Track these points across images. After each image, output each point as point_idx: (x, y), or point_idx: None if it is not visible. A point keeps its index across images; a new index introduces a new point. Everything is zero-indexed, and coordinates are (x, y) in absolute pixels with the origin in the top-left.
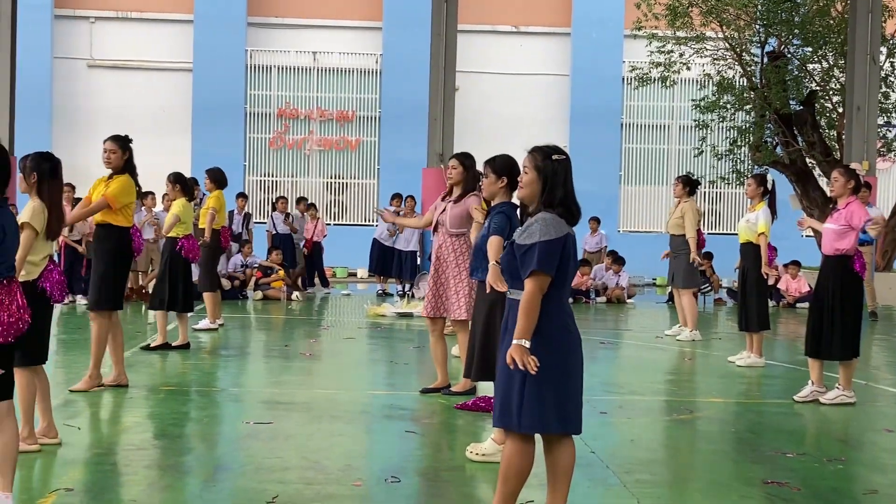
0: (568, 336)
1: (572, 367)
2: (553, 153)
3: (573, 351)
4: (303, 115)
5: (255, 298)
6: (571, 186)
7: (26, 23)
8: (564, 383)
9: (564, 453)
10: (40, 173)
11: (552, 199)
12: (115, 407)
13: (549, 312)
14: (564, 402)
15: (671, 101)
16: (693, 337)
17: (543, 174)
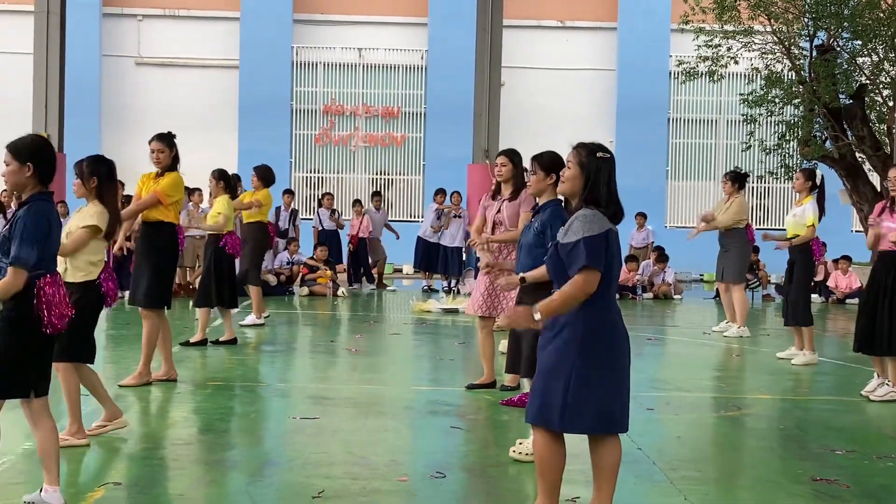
0: (614, 333)
1: (618, 365)
2: (598, 150)
3: (620, 348)
4: (348, 112)
5: (302, 294)
6: (615, 186)
7: (75, 21)
8: (609, 382)
9: (609, 451)
10: (99, 177)
11: (595, 196)
12: (163, 402)
13: (596, 309)
14: (609, 402)
15: (719, 96)
16: (741, 333)
17: (587, 171)
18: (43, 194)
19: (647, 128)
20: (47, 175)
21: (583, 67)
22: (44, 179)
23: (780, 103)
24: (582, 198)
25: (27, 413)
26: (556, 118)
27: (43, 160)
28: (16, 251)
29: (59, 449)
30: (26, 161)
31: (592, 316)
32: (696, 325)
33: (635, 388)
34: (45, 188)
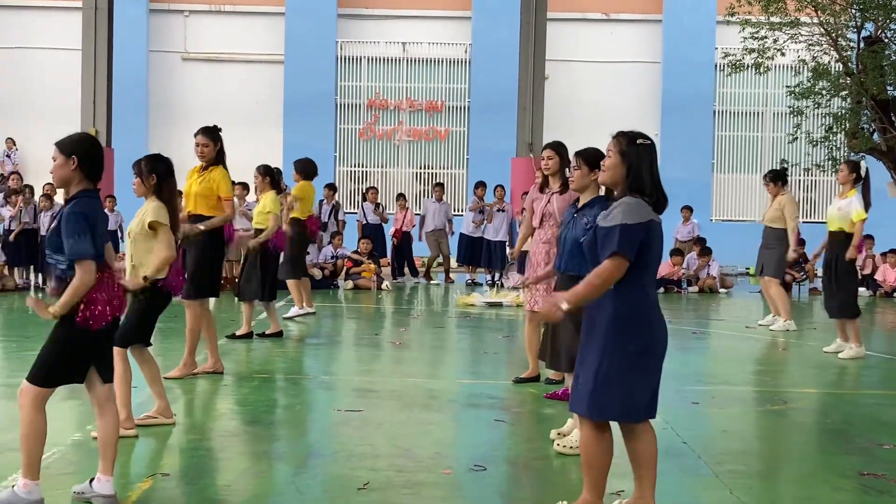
0: (650, 324)
1: (653, 356)
2: (638, 138)
3: (656, 339)
4: (392, 106)
5: (346, 288)
6: (657, 173)
7: (122, 17)
8: (644, 372)
9: (644, 441)
10: (158, 174)
11: (638, 184)
12: (210, 394)
13: (633, 300)
14: (637, 391)
15: (765, 88)
16: (787, 327)
17: (628, 159)
18: (89, 191)
19: (692, 121)
20: (93, 170)
21: (627, 60)
22: (90, 175)
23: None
24: (625, 186)
25: (93, 400)
26: (601, 111)
27: (87, 154)
28: (72, 248)
29: (118, 439)
30: (70, 154)
31: (625, 305)
32: (741, 319)
33: (681, 382)
34: (93, 185)
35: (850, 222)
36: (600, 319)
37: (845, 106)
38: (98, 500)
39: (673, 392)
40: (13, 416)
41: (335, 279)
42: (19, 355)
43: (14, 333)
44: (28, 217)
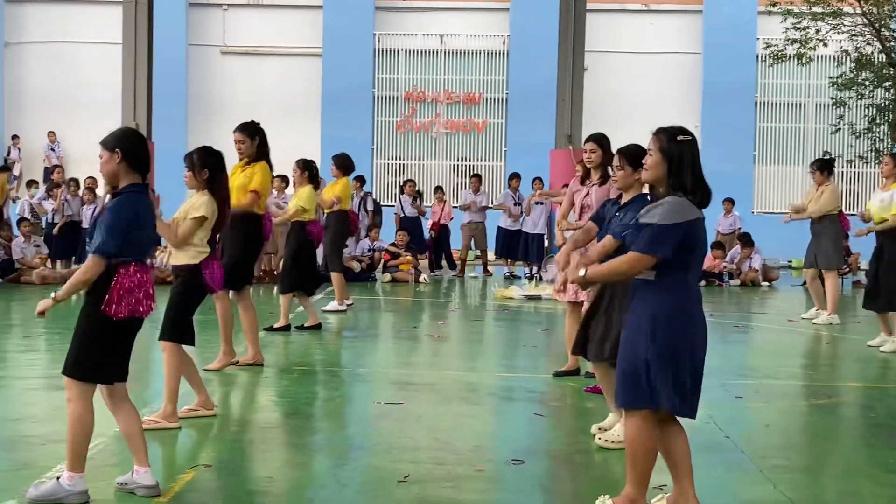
0: (691, 320)
1: (693, 352)
2: (678, 134)
3: (693, 334)
4: (430, 98)
5: (384, 281)
6: (700, 169)
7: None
8: (680, 368)
9: (675, 437)
10: (210, 168)
11: (681, 182)
12: (250, 386)
13: (675, 296)
14: (682, 385)
15: (807, 79)
16: (831, 320)
17: (669, 156)
18: (136, 185)
19: (733, 112)
20: (138, 163)
21: (668, 51)
22: (136, 167)
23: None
24: (668, 184)
25: (106, 399)
26: (641, 103)
27: (131, 147)
28: (98, 240)
29: (143, 431)
30: (114, 148)
31: (666, 300)
32: (783, 313)
33: (723, 376)
34: (140, 178)
35: (893, 214)
36: (643, 315)
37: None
38: (140, 491)
39: (716, 386)
40: (56, 406)
41: (372, 272)
42: (62, 347)
43: (57, 325)
44: (72, 210)
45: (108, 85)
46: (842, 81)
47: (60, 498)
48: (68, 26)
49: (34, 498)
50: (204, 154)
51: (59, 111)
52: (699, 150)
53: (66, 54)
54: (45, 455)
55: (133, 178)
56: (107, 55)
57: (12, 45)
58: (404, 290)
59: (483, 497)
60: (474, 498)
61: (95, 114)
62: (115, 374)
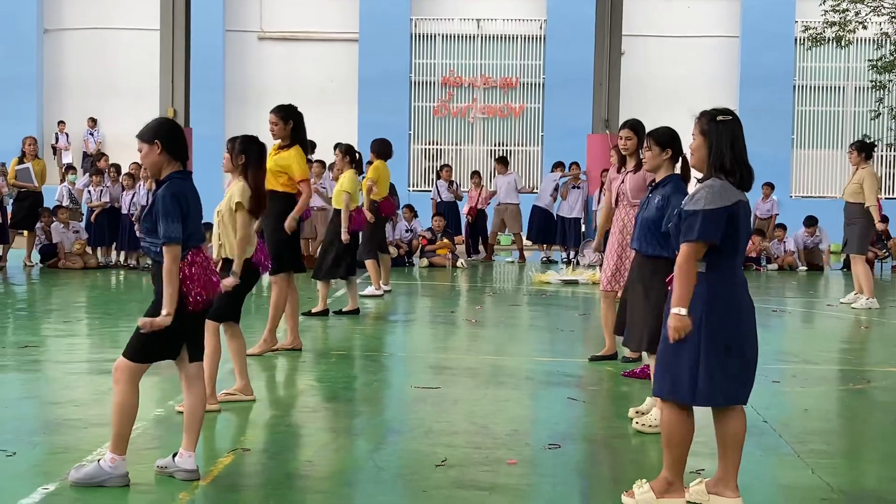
0: (737, 305)
1: (743, 338)
2: (719, 115)
3: (743, 320)
4: (467, 83)
5: (421, 266)
6: (742, 149)
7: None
8: (734, 354)
9: (733, 422)
10: (248, 155)
11: (719, 163)
12: (289, 370)
13: (721, 282)
14: (733, 374)
15: (846, 62)
16: (869, 305)
17: (709, 138)
18: (179, 173)
19: (771, 95)
20: (178, 151)
21: (705, 34)
22: (176, 155)
23: None
24: (709, 166)
25: (182, 376)
26: (678, 87)
27: (169, 136)
28: (163, 231)
29: (203, 416)
30: (153, 140)
31: (713, 288)
32: (822, 297)
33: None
34: (182, 166)
35: None
36: (692, 305)
37: None
38: (180, 475)
39: None
40: (97, 391)
41: (410, 257)
42: (101, 332)
43: (97, 311)
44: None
45: (146, 71)
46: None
47: (102, 480)
48: (106, 13)
49: (76, 480)
50: (246, 141)
51: (97, 97)
52: (741, 129)
53: (104, 41)
54: (86, 439)
55: (174, 166)
56: (144, 41)
57: (51, 32)
58: (441, 275)
59: (520, 481)
60: (512, 482)
61: (133, 100)
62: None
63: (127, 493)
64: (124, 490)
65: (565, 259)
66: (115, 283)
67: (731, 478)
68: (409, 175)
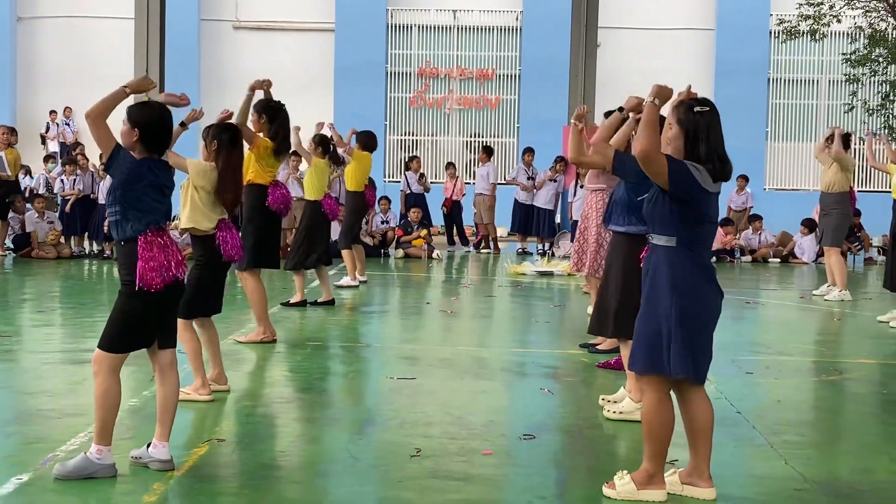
0: (708, 288)
1: (709, 317)
2: (696, 105)
3: (712, 303)
4: (443, 74)
5: (397, 256)
6: (718, 140)
7: None
8: (701, 331)
9: (699, 411)
10: (220, 142)
11: (696, 153)
12: (264, 361)
13: (689, 267)
14: (700, 352)
15: (820, 55)
16: (842, 297)
17: (685, 128)
18: (150, 159)
19: (746, 88)
20: (154, 144)
21: (680, 27)
22: (151, 148)
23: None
24: (685, 156)
25: (155, 366)
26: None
27: (149, 129)
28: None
29: (177, 406)
30: (134, 126)
31: (685, 270)
32: (796, 289)
33: (735, 352)
34: (156, 156)
35: None
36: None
37: None
38: (155, 465)
39: (727, 362)
40: (72, 381)
41: (385, 248)
42: (75, 322)
43: (72, 301)
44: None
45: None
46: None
47: (90, 472)
48: (81, 1)
49: (62, 474)
50: (218, 129)
51: (72, 86)
52: (719, 121)
53: (78, 29)
54: (59, 429)
55: (147, 155)
56: (119, 30)
57: (25, 20)
58: (417, 266)
59: (495, 472)
60: (487, 472)
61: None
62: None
63: (101, 484)
64: (98, 481)
65: (541, 250)
66: (89, 272)
67: (703, 468)
68: (385, 166)
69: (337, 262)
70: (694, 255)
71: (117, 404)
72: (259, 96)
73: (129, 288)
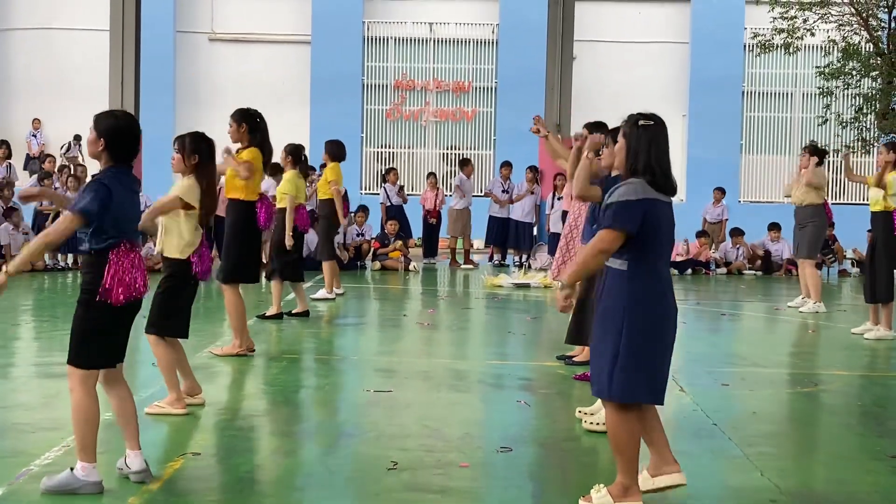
0: (662, 304)
1: (666, 337)
2: (641, 119)
3: (668, 320)
4: (419, 87)
5: (374, 269)
6: (660, 153)
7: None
8: (658, 353)
9: (650, 415)
10: (201, 154)
11: (635, 164)
12: (240, 374)
13: (644, 280)
14: (656, 373)
15: (794, 69)
16: (816, 308)
17: (629, 140)
18: (117, 167)
19: (721, 101)
20: (120, 155)
21: (656, 40)
22: (117, 158)
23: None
24: (627, 168)
25: (102, 381)
26: (629, 92)
27: (115, 140)
28: (76, 201)
29: (136, 413)
30: (100, 136)
31: (638, 285)
32: (770, 301)
33: (710, 364)
34: (123, 166)
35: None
36: (615, 303)
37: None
38: (133, 476)
39: (702, 374)
40: (47, 394)
41: (361, 260)
42: (50, 335)
43: (45, 313)
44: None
45: (96, 72)
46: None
47: (75, 489)
48: (55, 12)
49: (48, 488)
50: (196, 139)
51: (46, 98)
52: (665, 136)
53: (53, 41)
54: (35, 443)
55: (113, 164)
56: (94, 42)
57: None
58: (394, 279)
59: (472, 485)
60: (463, 485)
61: (83, 100)
62: (116, 357)
63: (77, 500)
64: (74, 496)
65: (517, 263)
66: (63, 285)
67: (664, 452)
68: (362, 178)
69: (312, 275)
70: (648, 274)
71: (95, 420)
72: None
73: (88, 297)
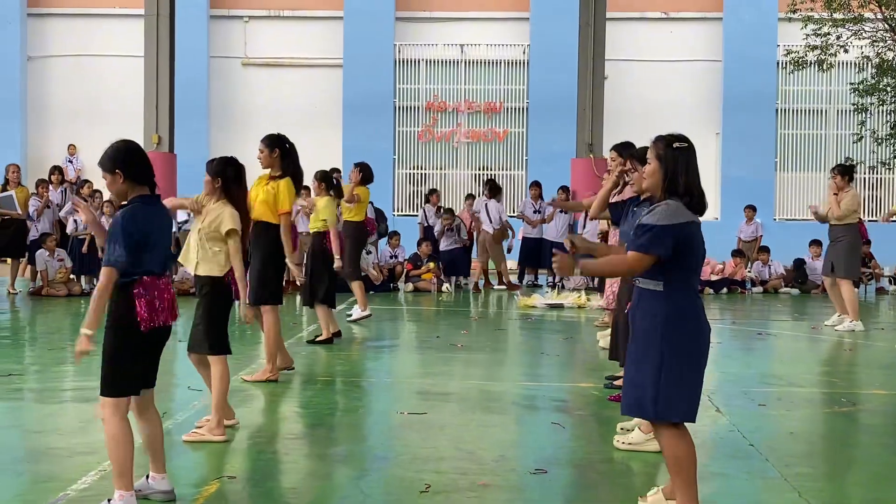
0: (698, 324)
1: (700, 357)
2: (675, 141)
3: (702, 340)
4: (451, 108)
5: (406, 290)
6: (694, 176)
7: (184, 23)
8: (698, 369)
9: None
10: (224, 178)
11: (674, 187)
12: (274, 397)
13: (678, 301)
14: (692, 391)
15: (828, 85)
16: (853, 327)
17: (664, 163)
18: (142, 197)
19: (754, 119)
20: (141, 175)
21: (688, 59)
22: (139, 179)
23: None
24: (663, 190)
25: (133, 405)
26: (662, 111)
27: (128, 162)
28: (106, 252)
29: (163, 438)
30: (114, 169)
31: (675, 305)
32: (807, 320)
33: (746, 384)
34: (147, 188)
35: None
36: (651, 324)
37: None
38: (158, 496)
39: (738, 394)
40: (83, 419)
41: (395, 282)
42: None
43: None
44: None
45: (131, 97)
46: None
47: None
48: (90, 40)
49: None
50: (222, 164)
51: (82, 124)
52: (695, 157)
53: (88, 67)
54: (70, 468)
55: (141, 190)
56: (129, 68)
57: (36, 60)
58: (427, 300)
59: None
60: None
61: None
62: (146, 383)
63: None
64: None
65: (551, 283)
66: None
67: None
68: (394, 199)
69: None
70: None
71: (130, 447)
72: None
73: (116, 323)
